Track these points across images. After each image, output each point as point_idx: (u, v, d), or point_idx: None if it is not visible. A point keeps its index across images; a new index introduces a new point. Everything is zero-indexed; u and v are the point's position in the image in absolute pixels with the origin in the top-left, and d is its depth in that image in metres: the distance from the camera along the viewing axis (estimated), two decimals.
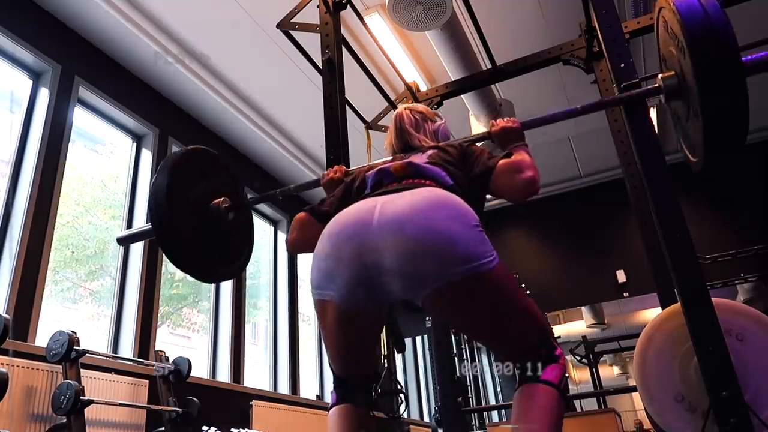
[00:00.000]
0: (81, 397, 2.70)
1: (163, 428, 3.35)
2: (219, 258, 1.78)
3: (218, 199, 1.75)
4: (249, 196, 1.99)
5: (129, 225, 4.10)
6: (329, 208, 1.46)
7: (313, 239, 1.40)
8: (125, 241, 2.05)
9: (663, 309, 2.29)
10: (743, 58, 1.37)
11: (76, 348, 2.82)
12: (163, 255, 4.17)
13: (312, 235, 1.42)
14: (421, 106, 1.70)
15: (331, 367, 1.36)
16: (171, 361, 3.56)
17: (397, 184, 1.34)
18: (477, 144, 1.52)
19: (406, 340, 6.07)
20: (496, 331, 1.20)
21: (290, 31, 2.59)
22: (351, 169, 1.71)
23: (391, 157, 1.57)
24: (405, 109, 1.66)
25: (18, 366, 2.74)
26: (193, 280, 5.00)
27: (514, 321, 1.18)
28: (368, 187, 1.41)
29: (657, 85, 1.59)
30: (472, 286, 1.11)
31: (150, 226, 1.69)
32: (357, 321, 1.23)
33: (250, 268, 5.41)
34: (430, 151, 1.46)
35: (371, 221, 1.17)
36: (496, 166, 1.37)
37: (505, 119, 1.55)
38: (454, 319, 1.24)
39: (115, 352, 3.67)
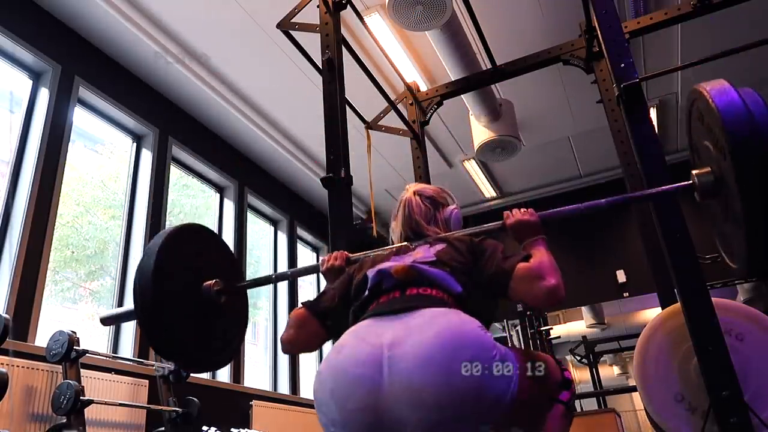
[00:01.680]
0: (81, 397, 2.70)
1: (163, 428, 3.35)
2: (208, 345, 1.66)
3: (210, 282, 1.65)
4: (245, 281, 1.89)
5: (129, 225, 4.10)
6: (329, 303, 1.38)
7: (310, 339, 1.37)
8: (108, 322, 1.93)
9: (663, 309, 2.29)
10: None
11: (76, 348, 2.82)
12: None
13: (310, 333, 1.37)
14: (430, 189, 1.57)
15: None
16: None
17: (399, 293, 1.23)
18: (488, 240, 1.38)
19: None
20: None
21: (290, 31, 2.59)
22: (353, 255, 1.59)
23: (397, 245, 1.48)
24: (414, 194, 1.54)
25: (18, 366, 2.74)
26: None
27: (540, 408, 1.24)
28: (367, 288, 1.29)
29: (691, 182, 1.46)
30: (508, 416, 1.07)
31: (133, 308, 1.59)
32: None
33: (250, 268, 5.42)
34: (438, 246, 1.35)
35: (381, 383, 1.02)
36: (514, 271, 1.24)
37: (521, 210, 1.41)
38: None
39: (115, 352, 3.67)
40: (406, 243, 1.45)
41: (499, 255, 1.29)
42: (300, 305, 1.41)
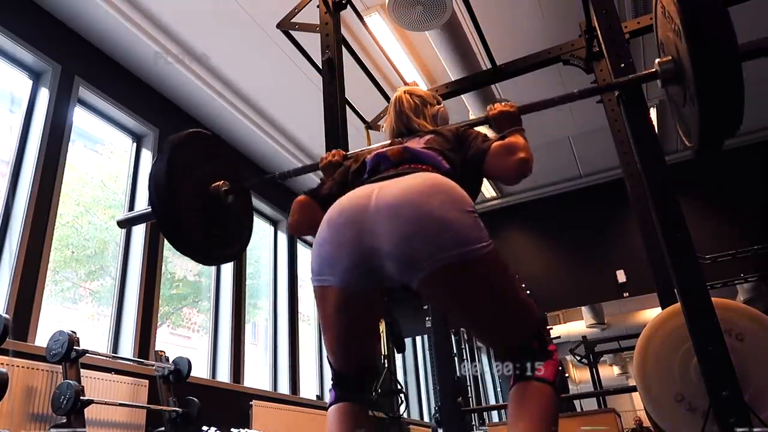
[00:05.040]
0: (81, 397, 2.70)
1: (163, 428, 3.35)
2: (218, 241, 1.79)
3: (218, 182, 1.76)
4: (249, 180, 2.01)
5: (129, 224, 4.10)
6: (328, 190, 1.49)
7: (313, 221, 1.45)
8: (125, 224, 2.06)
9: (663, 309, 2.29)
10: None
11: (76, 348, 2.82)
12: (163, 255, 4.18)
13: (311, 217, 1.48)
14: (420, 90, 1.71)
15: (329, 362, 1.34)
16: (171, 361, 3.56)
17: (394, 169, 1.35)
18: (474, 128, 1.52)
19: (406, 340, 6.06)
20: (489, 319, 1.19)
21: (290, 31, 2.59)
22: (349, 153, 1.72)
23: (389, 141, 1.57)
24: (404, 92, 1.67)
25: (18, 366, 2.74)
26: (193, 279, 5.00)
27: (506, 310, 1.18)
28: (366, 171, 1.42)
29: (654, 69, 1.57)
30: (465, 270, 1.11)
31: (150, 209, 1.70)
32: (357, 306, 1.22)
33: (250, 268, 5.41)
34: (427, 136, 1.47)
35: (368, 206, 1.17)
36: (490, 148, 1.37)
37: (502, 103, 1.54)
38: (447, 304, 1.23)
39: (115, 352, 3.67)
40: (398, 139, 1.56)
41: (480, 137, 1.43)
42: (302, 194, 1.53)
